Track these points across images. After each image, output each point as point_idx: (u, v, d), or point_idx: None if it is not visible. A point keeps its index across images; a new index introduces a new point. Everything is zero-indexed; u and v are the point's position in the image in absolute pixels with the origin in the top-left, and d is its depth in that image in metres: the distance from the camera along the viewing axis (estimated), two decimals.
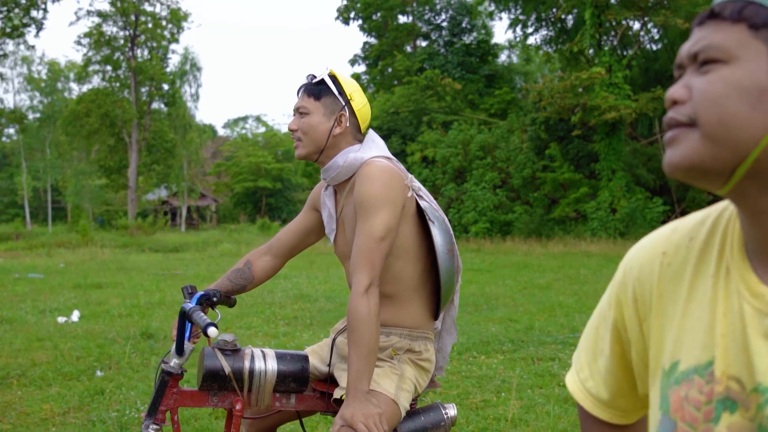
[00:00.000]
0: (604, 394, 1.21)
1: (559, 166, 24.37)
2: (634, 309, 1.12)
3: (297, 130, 2.43)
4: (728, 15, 0.93)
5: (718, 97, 0.91)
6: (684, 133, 0.94)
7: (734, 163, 0.92)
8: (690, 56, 0.97)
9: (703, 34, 0.96)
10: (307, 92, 2.43)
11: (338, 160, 2.41)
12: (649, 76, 27.40)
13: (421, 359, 2.45)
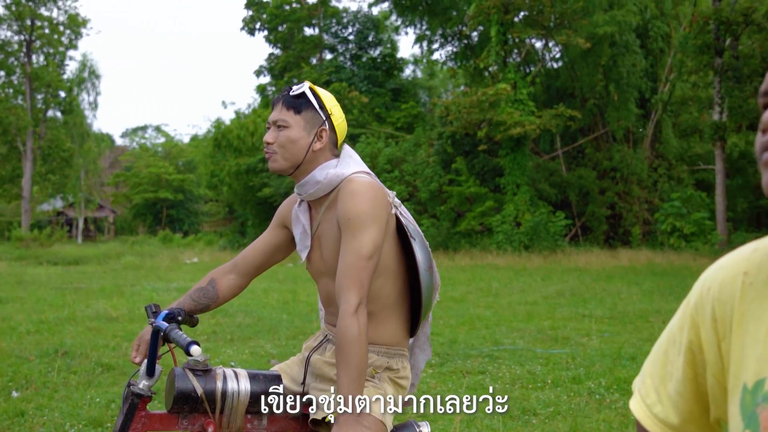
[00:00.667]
0: (674, 419, 1.20)
1: (465, 180, 24.72)
2: (713, 328, 1.12)
3: (273, 143, 2.36)
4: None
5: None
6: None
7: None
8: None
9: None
10: (287, 105, 2.36)
11: (317, 176, 2.35)
12: (551, 93, 28.12)
13: (399, 377, 2.41)
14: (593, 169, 27.00)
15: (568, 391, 5.57)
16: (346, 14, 35.65)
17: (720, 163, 23.18)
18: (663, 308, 10.27)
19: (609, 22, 25.02)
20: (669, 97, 27.36)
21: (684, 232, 22.88)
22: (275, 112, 2.38)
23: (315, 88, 2.40)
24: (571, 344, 7.61)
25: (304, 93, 2.36)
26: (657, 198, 26.69)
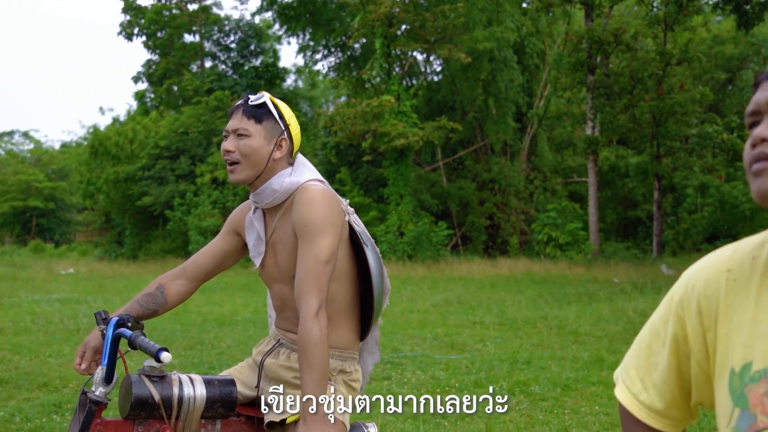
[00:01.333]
0: (659, 405, 1.35)
1: (350, 190, 24.90)
2: (699, 321, 1.27)
3: (234, 152, 2.39)
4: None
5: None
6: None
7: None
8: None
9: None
10: (247, 114, 2.39)
11: (273, 185, 2.40)
12: (432, 106, 28.68)
13: (352, 380, 2.49)
14: (473, 181, 27.69)
15: (472, 395, 5.75)
16: (228, 22, 35.27)
17: (592, 176, 24.22)
18: (549, 314, 10.69)
19: (488, 38, 25.76)
20: (544, 111, 28.41)
21: (559, 242, 23.78)
22: (234, 120, 2.41)
23: (273, 99, 2.45)
24: (468, 350, 7.84)
25: (265, 103, 2.41)
26: (533, 209, 27.62)
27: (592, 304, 11.94)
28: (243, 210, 2.62)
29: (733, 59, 31.37)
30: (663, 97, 23.01)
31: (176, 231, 26.40)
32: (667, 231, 26.54)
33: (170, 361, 2.13)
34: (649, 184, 25.03)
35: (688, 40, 23.94)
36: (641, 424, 1.38)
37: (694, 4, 22.24)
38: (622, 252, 23.97)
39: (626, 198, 29.74)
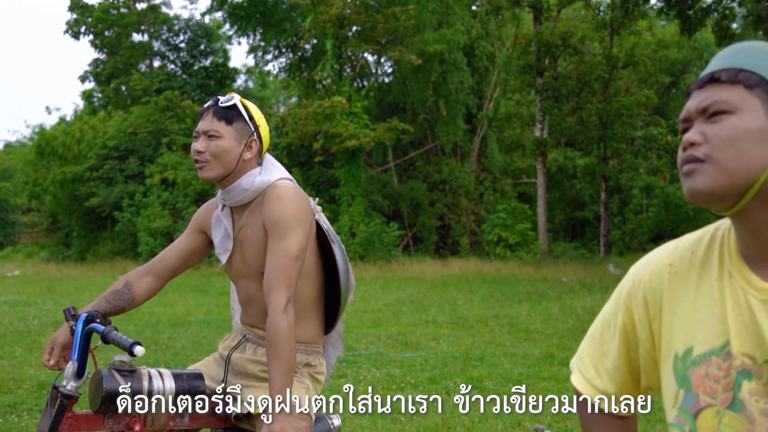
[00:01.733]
0: (611, 389, 1.49)
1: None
2: (645, 311, 1.42)
3: (205, 153, 2.45)
4: (726, 79, 1.26)
5: (732, 138, 1.23)
6: (702, 167, 1.24)
7: (745, 188, 1.23)
8: (699, 111, 1.28)
9: (708, 94, 1.27)
10: (218, 116, 2.45)
11: (243, 184, 2.47)
12: (383, 107, 28.82)
13: (317, 372, 2.57)
14: (423, 182, 27.88)
15: (427, 391, 5.87)
16: (178, 21, 34.99)
17: (541, 177, 24.58)
18: (500, 313, 10.87)
19: (439, 41, 25.97)
20: (494, 113, 28.74)
21: (509, 242, 24.09)
22: (205, 122, 2.46)
23: (244, 101, 2.52)
24: (422, 348, 7.96)
25: (235, 105, 2.48)
26: (483, 210, 27.91)
27: (542, 302, 12.16)
28: (208, 208, 2.69)
29: (677, 63, 32.10)
30: (609, 100, 23.47)
31: (125, 232, 26.11)
32: (613, 231, 27.05)
33: (143, 354, 2.18)
34: (597, 185, 25.48)
35: (633, 44, 24.44)
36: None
37: (640, 8, 22.71)
38: (571, 252, 24.38)
39: (574, 199, 30.23)
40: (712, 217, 27.85)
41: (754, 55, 1.27)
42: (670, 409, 1.35)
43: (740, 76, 1.26)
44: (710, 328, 1.30)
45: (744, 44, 1.32)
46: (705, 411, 1.29)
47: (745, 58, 1.27)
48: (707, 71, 1.31)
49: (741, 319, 1.27)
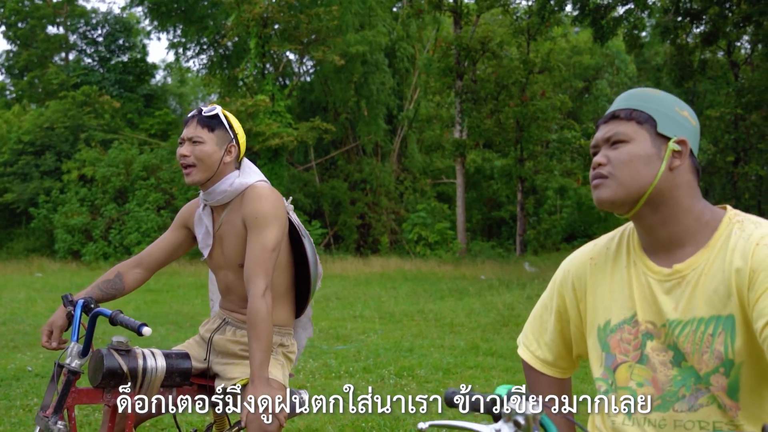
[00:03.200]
0: (549, 357, 1.99)
1: None
2: (573, 295, 1.91)
3: (190, 157, 2.75)
4: (623, 117, 1.75)
5: (627, 161, 1.71)
6: (606, 182, 1.73)
7: (637, 197, 1.70)
8: (604, 139, 1.76)
9: (610, 127, 1.76)
10: (201, 123, 2.77)
11: (223, 185, 2.79)
12: (305, 106, 29.04)
13: (289, 352, 2.91)
14: (345, 181, 28.22)
15: (363, 379, 6.23)
16: (95, 15, 34.44)
17: (460, 178, 25.22)
18: (425, 308, 11.31)
19: (361, 42, 26.35)
20: (414, 114, 29.29)
21: (429, 241, 24.65)
22: (189, 129, 2.78)
23: (224, 111, 2.84)
24: (353, 341, 8.31)
25: (217, 114, 2.80)
26: (403, 209, 28.42)
27: (464, 298, 12.66)
28: (192, 207, 2.99)
29: (590, 69, 33.28)
30: (526, 104, 24.26)
31: (41, 229, 25.64)
32: (529, 231, 27.91)
33: (150, 334, 2.47)
34: (513, 186, 26.26)
35: (549, 50, 25.30)
36: (538, 373, 2.01)
37: (555, 16, 23.54)
38: (488, 251, 25.07)
39: (491, 199, 31.02)
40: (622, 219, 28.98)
41: (644, 99, 1.75)
42: (597, 368, 1.82)
43: (633, 115, 1.73)
44: (622, 303, 1.77)
45: (637, 90, 1.80)
46: (621, 366, 1.76)
47: (637, 101, 1.75)
48: (610, 110, 1.79)
49: (644, 295, 1.74)
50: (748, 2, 18.70)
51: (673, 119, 1.72)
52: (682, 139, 1.70)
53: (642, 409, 1.69)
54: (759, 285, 1.54)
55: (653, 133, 1.70)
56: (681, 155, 1.70)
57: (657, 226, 1.71)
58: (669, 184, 1.68)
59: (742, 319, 1.59)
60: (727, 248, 1.64)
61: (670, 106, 1.74)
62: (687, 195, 1.70)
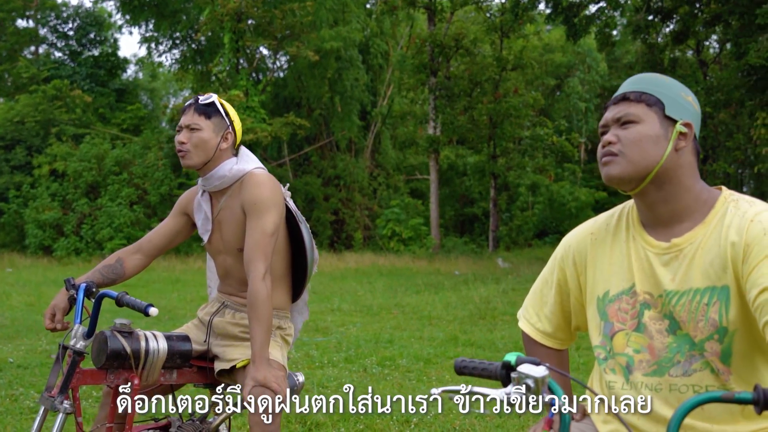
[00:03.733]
0: (549, 329, 2.11)
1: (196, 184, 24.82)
2: (574, 269, 2.02)
3: (187, 143, 2.83)
4: (633, 98, 1.85)
5: (637, 140, 1.81)
6: (616, 159, 1.83)
7: (645, 174, 1.81)
8: (614, 120, 1.87)
9: (621, 108, 1.87)
10: (198, 111, 2.84)
11: (220, 171, 2.86)
12: (279, 102, 29.00)
13: (286, 334, 2.98)
14: (318, 177, 28.25)
15: (345, 369, 6.32)
16: (66, 8, 34.13)
17: (434, 174, 25.36)
18: (402, 302, 11.41)
19: (335, 38, 26.37)
20: (388, 110, 29.38)
21: (403, 237, 24.77)
22: (187, 116, 2.85)
23: (220, 99, 2.91)
24: (333, 333, 8.39)
25: (213, 102, 2.87)
26: (377, 205, 28.52)
27: (440, 292, 12.77)
28: (191, 194, 3.06)
29: (562, 67, 33.57)
30: (499, 101, 24.46)
31: (11, 224, 25.37)
32: (501, 227, 28.14)
33: (156, 314, 2.53)
34: (486, 182, 26.45)
35: (522, 47, 25.51)
36: (538, 344, 2.12)
37: (528, 14, 23.76)
38: (461, 246, 25.25)
39: (464, 195, 31.22)
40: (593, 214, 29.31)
41: (653, 83, 1.87)
42: (596, 336, 1.93)
43: (643, 97, 1.84)
44: (621, 275, 1.89)
45: (646, 75, 1.91)
46: (618, 334, 1.89)
47: (646, 84, 1.86)
48: (620, 92, 1.89)
49: (642, 268, 1.86)
50: (717, 2, 19.01)
51: (679, 103, 1.84)
52: (688, 122, 1.83)
53: (638, 372, 1.82)
54: (753, 258, 1.67)
55: (661, 115, 1.82)
56: (686, 137, 1.82)
57: (659, 202, 1.83)
58: (674, 163, 1.80)
59: (736, 290, 1.71)
60: (723, 224, 1.77)
61: (677, 91, 1.86)
62: (689, 175, 1.83)
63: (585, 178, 32.71)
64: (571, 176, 31.21)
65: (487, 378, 1.68)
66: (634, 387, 1.83)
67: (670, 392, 1.78)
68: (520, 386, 1.50)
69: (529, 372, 1.48)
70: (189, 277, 16.40)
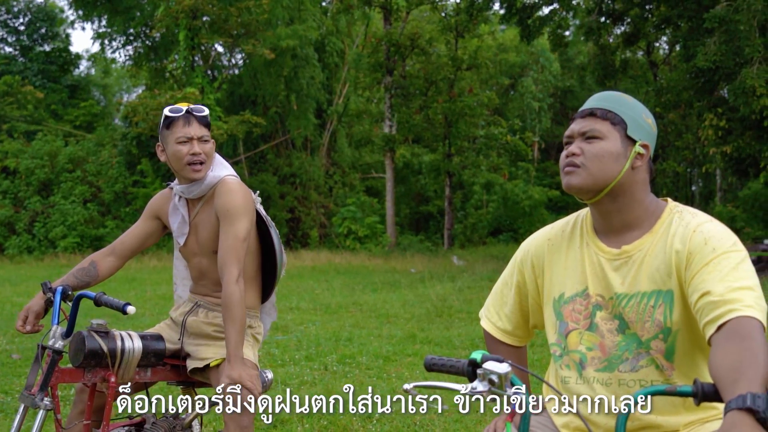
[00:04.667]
0: (509, 327, 2.29)
1: (151, 182, 24.70)
2: (532, 271, 2.20)
3: (201, 154, 2.94)
4: (600, 115, 2.01)
5: (599, 156, 1.98)
6: (578, 170, 2.00)
7: (602, 187, 1.98)
8: (580, 133, 2.03)
9: (588, 123, 2.03)
10: (203, 123, 2.97)
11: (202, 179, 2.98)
12: (234, 99, 28.91)
13: (257, 333, 3.10)
14: (274, 175, 28.23)
15: (307, 367, 6.44)
16: (17, 3, 33.59)
17: (390, 172, 25.54)
18: (359, 300, 11.54)
19: (291, 36, 26.36)
20: (344, 109, 29.48)
21: (359, 235, 24.91)
22: (194, 128, 2.94)
23: None
24: (293, 331, 8.49)
25: (208, 115, 3.00)
26: (332, 203, 28.60)
27: (397, 291, 12.94)
28: (162, 198, 3.16)
29: (515, 67, 33.99)
30: (454, 100, 24.72)
31: None
32: (456, 225, 28.42)
33: (134, 312, 2.64)
34: (441, 181, 26.72)
35: (477, 47, 25.81)
36: (499, 342, 2.30)
37: (483, 14, 24.04)
38: (417, 244, 25.46)
39: (419, 194, 31.45)
40: (546, 212, 29.79)
41: (619, 102, 2.03)
42: (552, 335, 2.10)
43: (609, 115, 2.00)
44: (576, 279, 2.07)
45: (613, 94, 2.07)
46: (572, 333, 2.06)
47: (613, 103, 2.03)
48: (587, 107, 2.05)
49: (594, 272, 2.04)
50: (667, 5, 19.46)
51: (640, 125, 2.00)
52: (646, 144, 2.00)
53: (591, 368, 2.00)
54: (695, 265, 1.85)
55: (623, 134, 1.98)
56: (643, 157, 1.99)
57: (613, 212, 2.00)
58: (629, 179, 1.97)
59: (680, 294, 1.90)
60: (669, 233, 1.95)
61: (639, 113, 2.02)
62: (641, 190, 2.00)
63: (539, 177, 33.20)
64: (524, 175, 31.64)
65: (454, 374, 1.81)
66: (587, 381, 2.00)
67: (619, 386, 1.95)
68: (484, 381, 1.63)
69: (493, 368, 1.61)
70: (145, 276, 16.34)
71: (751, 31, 15.83)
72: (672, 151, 29.35)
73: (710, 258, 1.83)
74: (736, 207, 28.09)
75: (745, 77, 15.33)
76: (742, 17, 15.57)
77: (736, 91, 15.89)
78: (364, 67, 26.08)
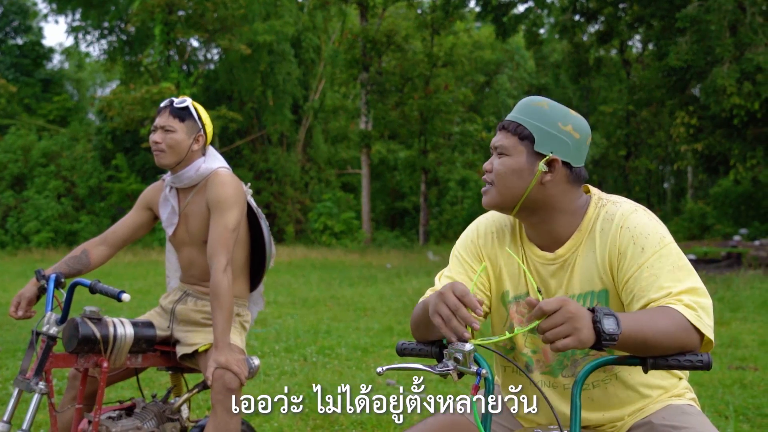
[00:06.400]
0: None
1: (126, 177, 24.63)
2: (485, 258, 2.14)
3: (161, 143, 3.02)
4: (510, 129, 1.99)
5: (504, 174, 1.98)
6: (489, 188, 2.02)
7: (512, 204, 1.98)
8: (494, 147, 2.03)
9: (499, 137, 2.02)
10: (173, 114, 3.04)
11: (190, 171, 3.06)
12: (210, 94, 28.85)
13: (245, 321, 3.20)
14: (250, 170, 28.22)
15: (287, 358, 6.53)
16: None
17: (365, 168, 25.64)
18: (336, 294, 11.64)
19: (268, 31, 26.38)
20: (320, 105, 29.53)
21: (335, 231, 24.99)
22: (162, 118, 3.04)
23: (194, 103, 3.11)
24: (271, 324, 8.58)
25: (188, 106, 3.07)
26: (308, 199, 28.66)
27: (373, 285, 13.05)
28: (154, 190, 3.25)
29: (491, 64, 34.18)
30: (430, 97, 24.86)
31: None
32: (431, 221, 28.59)
33: (129, 299, 2.73)
34: (417, 177, 26.85)
35: (452, 44, 25.97)
36: None
37: (459, 11, 24.21)
38: (392, 240, 25.60)
39: (395, 190, 31.58)
40: None
41: (532, 113, 1.95)
42: (500, 328, 2.13)
43: (518, 129, 1.95)
44: (518, 281, 2.07)
45: (530, 102, 2.01)
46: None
47: (526, 114, 1.97)
48: (506, 118, 2.02)
49: (534, 277, 2.04)
50: (640, 4, 19.73)
51: (552, 136, 1.92)
52: (554, 159, 1.92)
53: (537, 371, 2.05)
54: (626, 267, 1.87)
55: (530, 149, 1.92)
56: (553, 171, 1.92)
57: (536, 223, 2.00)
58: (542, 194, 1.93)
59: (614, 293, 1.92)
60: (596, 230, 1.95)
61: (553, 123, 1.93)
62: (561, 200, 1.96)
63: None
64: None
65: (424, 357, 1.93)
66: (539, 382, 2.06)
67: (564, 390, 2.02)
68: (450, 360, 1.73)
69: (458, 347, 1.72)
70: (121, 271, 16.33)
71: (722, 31, 16.12)
72: (644, 148, 29.70)
73: (642, 261, 1.83)
74: (707, 204, 28.49)
75: (716, 76, 15.61)
76: (713, 17, 15.85)
77: (707, 89, 16.19)
78: (341, 64, 26.15)
